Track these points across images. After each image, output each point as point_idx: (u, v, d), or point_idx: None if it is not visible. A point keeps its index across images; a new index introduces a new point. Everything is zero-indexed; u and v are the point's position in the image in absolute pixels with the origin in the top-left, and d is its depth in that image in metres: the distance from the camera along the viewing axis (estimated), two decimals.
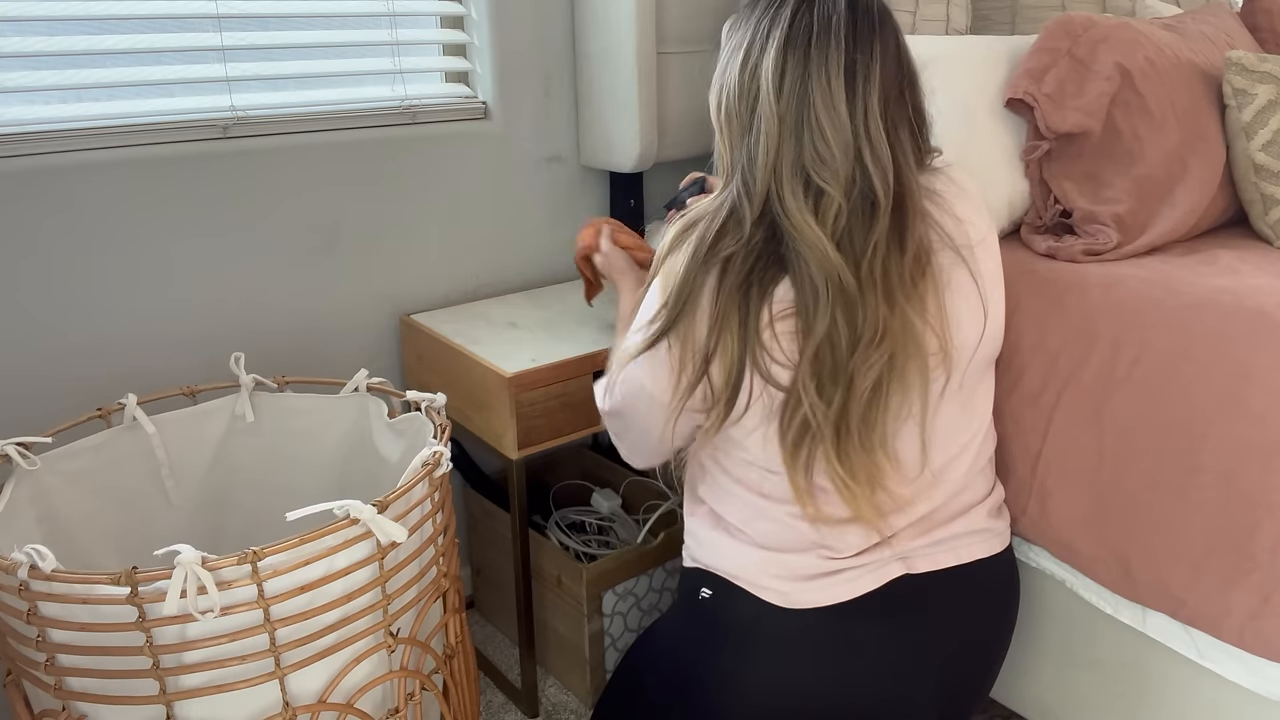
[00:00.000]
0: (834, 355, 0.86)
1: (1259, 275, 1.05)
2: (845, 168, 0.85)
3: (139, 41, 1.27)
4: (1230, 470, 0.93)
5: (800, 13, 0.87)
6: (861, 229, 0.86)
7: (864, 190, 0.86)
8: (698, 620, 1.02)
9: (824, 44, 0.85)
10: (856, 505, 0.90)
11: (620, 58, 1.50)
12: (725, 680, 0.97)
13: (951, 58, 1.22)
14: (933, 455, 0.95)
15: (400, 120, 1.50)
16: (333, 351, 1.50)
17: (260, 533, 1.23)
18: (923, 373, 0.89)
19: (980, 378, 1.00)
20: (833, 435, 0.88)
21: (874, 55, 0.86)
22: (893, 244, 0.87)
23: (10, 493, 1.02)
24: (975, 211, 0.96)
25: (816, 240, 0.85)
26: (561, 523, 1.61)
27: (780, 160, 0.86)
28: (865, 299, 0.85)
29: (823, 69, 0.85)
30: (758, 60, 0.87)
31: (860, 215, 0.86)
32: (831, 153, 0.85)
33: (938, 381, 0.91)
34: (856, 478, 0.89)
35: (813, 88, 0.85)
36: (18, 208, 1.19)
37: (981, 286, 0.94)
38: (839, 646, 0.94)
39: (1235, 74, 1.23)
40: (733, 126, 0.90)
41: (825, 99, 0.85)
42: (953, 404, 0.96)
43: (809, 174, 0.86)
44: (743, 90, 0.89)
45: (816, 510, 0.92)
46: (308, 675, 0.91)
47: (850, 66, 0.85)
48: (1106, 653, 1.09)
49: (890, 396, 0.88)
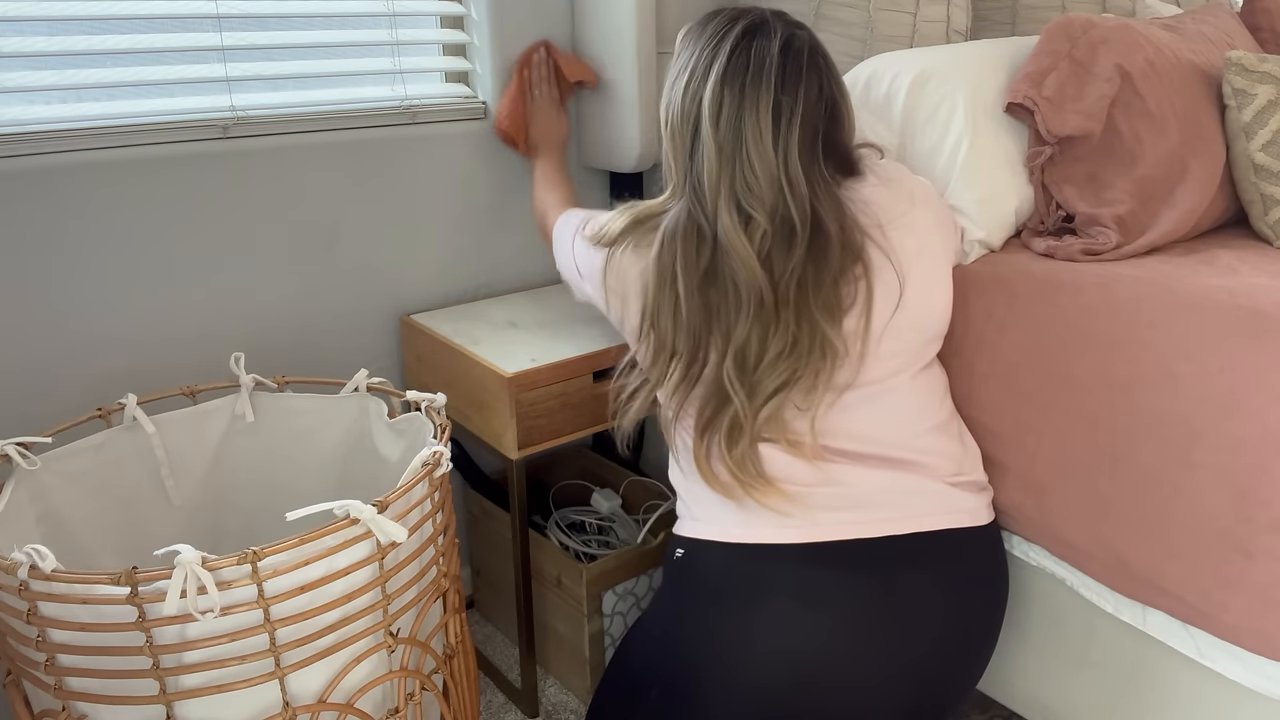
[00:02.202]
0: (745, 363, 0.98)
1: (1258, 275, 1.05)
2: (770, 197, 0.96)
3: (139, 41, 1.27)
4: (1227, 468, 0.93)
5: (739, 49, 0.97)
6: (781, 252, 0.97)
7: (784, 218, 0.97)
8: (674, 583, 1.09)
9: (756, 84, 0.96)
10: (748, 492, 1.00)
11: (620, 58, 1.50)
12: (700, 636, 1.01)
13: (951, 67, 1.23)
14: (847, 433, 1.02)
15: (400, 120, 1.50)
16: (333, 351, 1.51)
17: (260, 533, 1.23)
18: (828, 373, 0.99)
19: (916, 355, 1.07)
20: (728, 430, 0.99)
21: (798, 97, 0.97)
22: (809, 264, 0.97)
23: (10, 493, 1.02)
24: (892, 196, 1.05)
25: (747, 257, 0.96)
26: (561, 523, 1.61)
27: (720, 183, 0.97)
28: (780, 315, 0.97)
29: (754, 107, 0.96)
30: (698, 89, 0.98)
31: (781, 239, 0.97)
32: (759, 183, 0.96)
33: (845, 370, 1.00)
34: (745, 470, 0.99)
35: (745, 123, 0.96)
36: (17, 208, 1.19)
37: (895, 262, 1.02)
38: (805, 595, 0.98)
39: (1235, 74, 1.23)
40: (677, 143, 1.01)
41: (755, 135, 0.96)
42: (886, 387, 1.04)
43: (739, 199, 0.97)
44: (684, 113, 1.00)
45: (725, 489, 1.01)
46: (308, 675, 0.91)
47: (776, 107, 0.96)
48: (1106, 652, 1.09)
49: (793, 392, 0.98)
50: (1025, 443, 1.10)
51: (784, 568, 0.99)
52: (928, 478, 1.04)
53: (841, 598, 0.98)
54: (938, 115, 1.19)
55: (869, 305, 1.00)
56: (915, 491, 1.02)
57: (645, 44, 1.48)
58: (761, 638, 0.98)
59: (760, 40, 0.98)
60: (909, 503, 1.02)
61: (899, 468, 1.03)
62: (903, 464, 1.03)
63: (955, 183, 1.17)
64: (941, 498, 1.04)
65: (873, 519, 1.00)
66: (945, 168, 1.18)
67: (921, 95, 1.21)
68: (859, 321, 1.00)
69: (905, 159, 1.22)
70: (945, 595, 1.01)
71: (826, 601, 0.98)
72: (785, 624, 0.97)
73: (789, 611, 0.98)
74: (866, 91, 1.26)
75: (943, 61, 1.24)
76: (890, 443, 1.03)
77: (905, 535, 1.00)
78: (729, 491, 1.01)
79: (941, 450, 1.05)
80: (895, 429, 1.03)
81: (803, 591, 0.98)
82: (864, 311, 1.00)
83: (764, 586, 0.99)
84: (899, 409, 1.04)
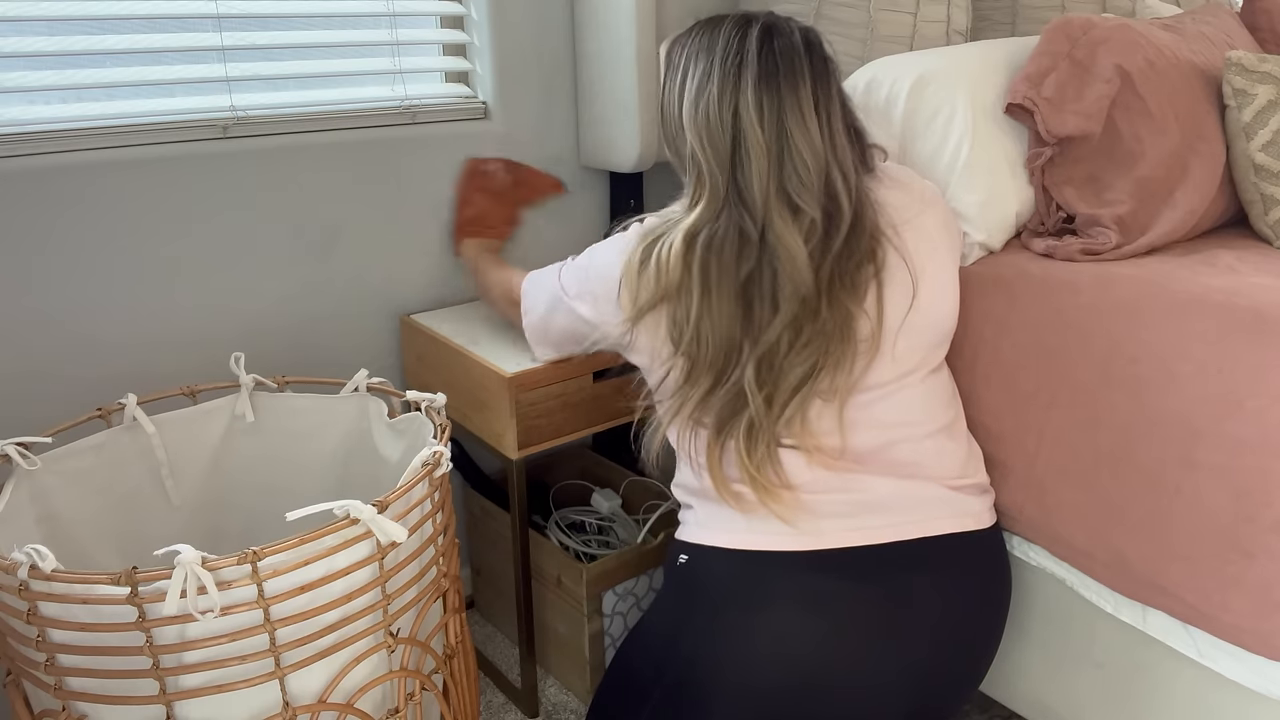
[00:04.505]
0: (772, 362, 0.98)
1: (1257, 275, 1.05)
2: (818, 186, 0.98)
3: (139, 41, 1.27)
4: (1227, 468, 0.93)
5: (765, 52, 0.98)
6: (823, 241, 0.98)
7: (829, 205, 0.98)
8: (677, 587, 1.08)
9: (791, 80, 0.97)
10: (761, 498, 0.99)
11: (620, 58, 1.50)
12: (702, 639, 1.01)
13: (950, 69, 1.23)
14: (861, 437, 1.02)
15: (400, 120, 1.50)
16: (333, 351, 1.51)
17: (260, 533, 1.23)
18: (850, 360, 0.99)
19: (926, 357, 1.07)
20: (746, 432, 0.99)
21: (830, 87, 1.00)
22: (844, 250, 0.99)
23: (10, 493, 1.02)
24: (904, 198, 1.08)
25: (797, 251, 0.96)
26: (561, 523, 1.61)
27: (769, 184, 0.97)
28: (818, 304, 0.97)
29: (795, 103, 0.97)
30: (733, 98, 0.98)
31: (824, 229, 0.98)
32: (810, 174, 0.97)
33: (862, 360, 1.01)
34: (764, 474, 0.99)
35: (789, 119, 0.97)
36: (17, 208, 1.19)
37: (910, 262, 1.04)
38: (809, 600, 0.98)
39: (1235, 74, 1.23)
40: (712, 155, 0.99)
41: (800, 129, 0.97)
42: (898, 387, 1.04)
43: (789, 195, 0.97)
44: (721, 124, 0.98)
45: (736, 499, 1.01)
46: (308, 675, 0.91)
47: (816, 99, 0.98)
48: (1107, 652, 1.09)
49: (819, 381, 0.99)
50: (1026, 443, 1.10)
51: (788, 574, 0.99)
52: (932, 481, 1.04)
53: (844, 603, 0.98)
54: (938, 118, 1.19)
55: (880, 303, 1.01)
56: (920, 496, 1.03)
57: (645, 44, 1.48)
58: (764, 641, 0.98)
59: (781, 40, 0.99)
60: (914, 508, 1.02)
61: (906, 471, 1.03)
62: (909, 466, 1.03)
63: (956, 185, 1.17)
64: (945, 502, 1.04)
65: (878, 525, 1.00)
66: (946, 170, 1.18)
67: (921, 99, 1.21)
68: (872, 319, 1.01)
69: (906, 162, 1.22)
70: (947, 598, 1.01)
71: (829, 606, 0.98)
72: (788, 628, 0.97)
73: (792, 615, 0.98)
74: (867, 96, 1.26)
75: (942, 64, 1.24)
76: (898, 443, 1.03)
77: (909, 541, 1.00)
78: (739, 501, 1.01)
79: (947, 453, 1.06)
80: (904, 429, 1.04)
81: (806, 596, 0.98)
82: (876, 309, 1.01)
83: (767, 591, 0.99)
84: (908, 409, 1.04)
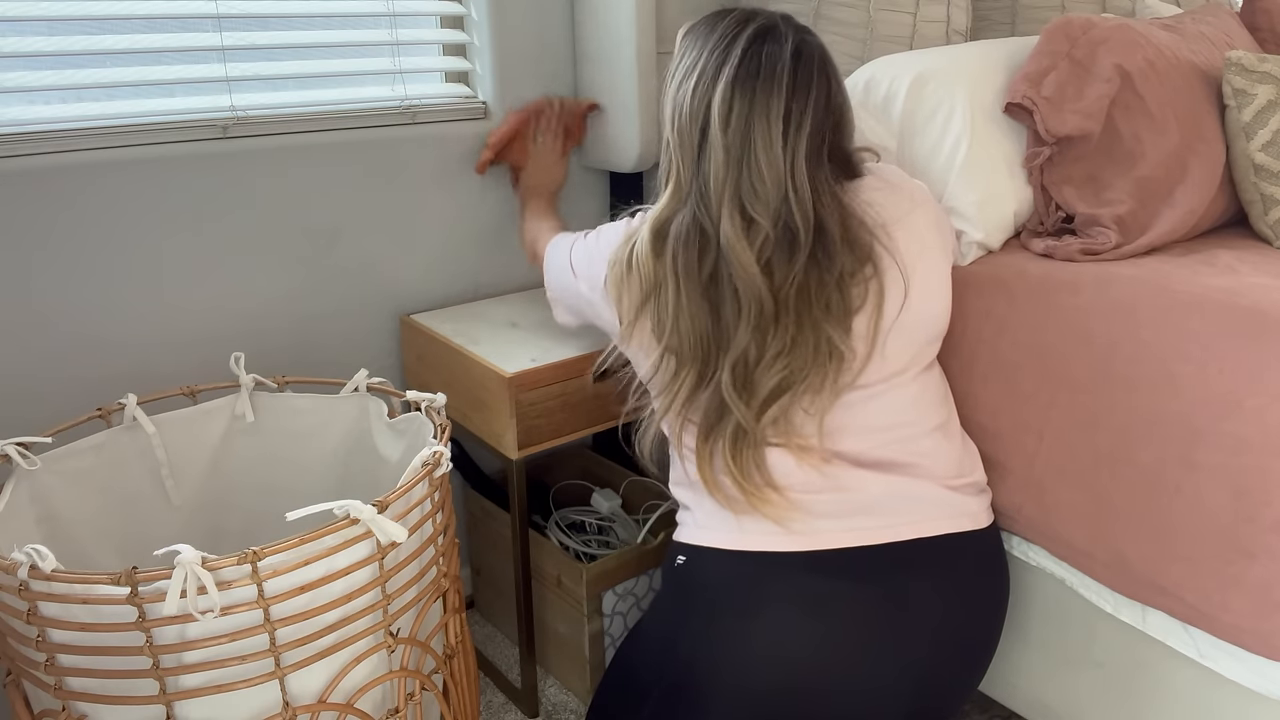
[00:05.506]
0: (745, 368, 0.98)
1: (1257, 275, 1.05)
2: (775, 202, 0.96)
3: (139, 41, 1.27)
4: (1227, 468, 0.93)
5: (750, 53, 0.97)
6: (783, 258, 0.97)
7: (788, 223, 0.96)
8: (675, 589, 1.08)
9: (767, 88, 0.95)
10: (751, 501, 1.00)
11: (620, 58, 1.50)
12: (700, 640, 1.01)
13: (950, 69, 1.23)
14: (852, 437, 1.02)
15: (400, 120, 1.50)
16: (333, 351, 1.51)
17: (260, 533, 1.23)
18: (834, 376, 0.99)
19: (917, 355, 1.06)
20: (732, 436, 0.99)
21: (808, 103, 0.97)
22: (811, 269, 0.97)
23: (10, 493, 1.02)
24: (893, 197, 1.06)
25: (747, 262, 0.96)
26: (561, 523, 1.61)
27: (725, 187, 0.96)
28: (779, 320, 0.97)
29: (765, 112, 0.95)
30: (708, 90, 0.97)
31: (783, 245, 0.97)
32: (765, 187, 0.96)
33: (847, 374, 1.01)
34: (750, 478, 0.99)
35: (755, 127, 0.95)
36: (17, 208, 1.19)
37: (900, 261, 1.02)
38: (806, 601, 0.98)
39: (1235, 74, 1.23)
40: (684, 145, 1.00)
41: (764, 140, 0.95)
42: (888, 386, 1.04)
43: (743, 203, 0.96)
44: (693, 114, 0.98)
45: (728, 500, 1.01)
46: (308, 675, 0.91)
47: (787, 113, 0.96)
48: (1107, 652, 1.09)
49: (799, 396, 0.99)
50: (1025, 443, 1.10)
51: (785, 575, 0.99)
52: (928, 481, 1.04)
53: (842, 604, 0.98)
54: (937, 117, 1.19)
55: (880, 304, 1.01)
56: (916, 496, 1.03)
57: (645, 44, 1.48)
58: (761, 643, 0.98)
59: (771, 45, 0.97)
60: (910, 508, 1.02)
61: (900, 470, 1.03)
62: (904, 466, 1.03)
63: (954, 184, 1.17)
64: (942, 502, 1.04)
65: (874, 525, 1.00)
66: (944, 169, 1.18)
67: (920, 97, 1.21)
68: (869, 321, 1.01)
69: (904, 161, 1.22)
70: (946, 599, 1.01)
71: (827, 607, 0.98)
72: (785, 630, 0.98)
73: (789, 617, 0.98)
74: (866, 94, 1.26)
75: (942, 63, 1.24)
76: (891, 443, 1.03)
77: (906, 541, 1.00)
78: (732, 503, 1.01)
79: (942, 452, 1.06)
80: (896, 429, 1.03)
81: (803, 598, 0.98)
82: (874, 311, 1.00)
83: (765, 592, 0.99)
84: (900, 409, 1.04)
